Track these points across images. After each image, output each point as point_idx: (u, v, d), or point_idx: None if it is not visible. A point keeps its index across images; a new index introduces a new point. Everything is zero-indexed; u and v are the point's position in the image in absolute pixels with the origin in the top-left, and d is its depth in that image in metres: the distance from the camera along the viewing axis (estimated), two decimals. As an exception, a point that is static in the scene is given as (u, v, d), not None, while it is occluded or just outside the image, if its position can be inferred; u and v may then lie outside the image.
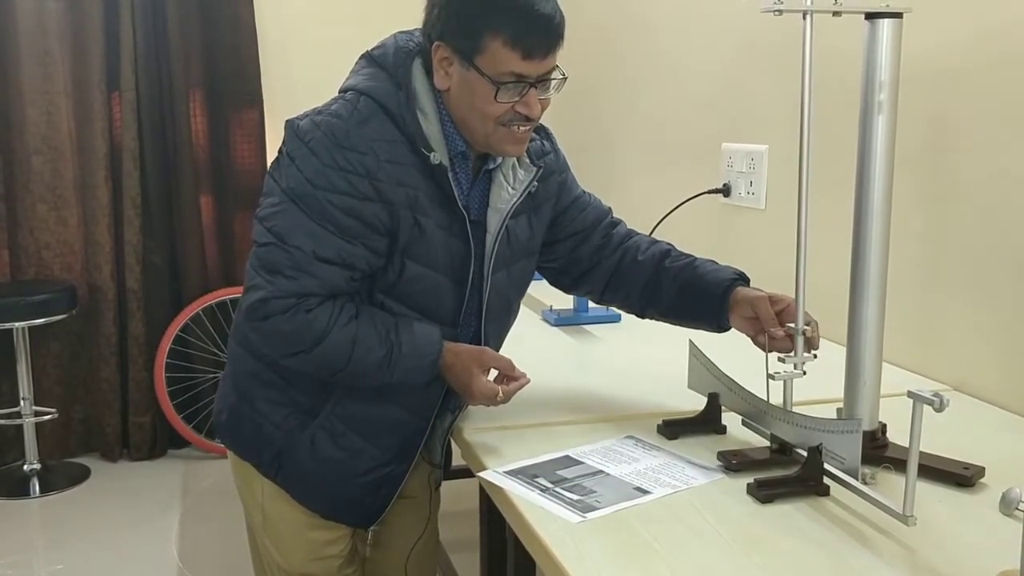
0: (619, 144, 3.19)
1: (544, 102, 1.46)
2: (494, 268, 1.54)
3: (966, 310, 1.72)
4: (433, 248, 1.47)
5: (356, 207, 1.40)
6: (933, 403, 1.07)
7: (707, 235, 2.61)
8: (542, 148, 1.65)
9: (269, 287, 1.40)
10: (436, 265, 1.48)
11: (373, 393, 1.52)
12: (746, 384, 1.45)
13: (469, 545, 2.60)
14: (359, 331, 1.43)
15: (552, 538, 1.15)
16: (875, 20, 1.31)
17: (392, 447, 1.57)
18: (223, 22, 3.76)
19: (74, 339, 3.82)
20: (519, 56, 1.38)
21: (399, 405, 1.54)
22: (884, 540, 1.15)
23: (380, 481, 1.59)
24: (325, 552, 1.65)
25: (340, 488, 1.58)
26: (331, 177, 1.39)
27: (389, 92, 1.45)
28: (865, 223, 1.35)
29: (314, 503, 1.60)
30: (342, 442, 1.54)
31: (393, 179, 1.41)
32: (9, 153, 3.66)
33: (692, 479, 1.33)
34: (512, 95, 1.41)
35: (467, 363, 1.47)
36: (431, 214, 1.45)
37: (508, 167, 1.55)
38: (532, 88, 1.42)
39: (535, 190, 1.58)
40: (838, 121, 1.92)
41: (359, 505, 1.61)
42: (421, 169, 1.44)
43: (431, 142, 1.44)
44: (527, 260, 1.64)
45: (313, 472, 1.56)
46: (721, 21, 2.50)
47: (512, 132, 1.45)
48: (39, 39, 3.60)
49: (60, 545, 3.20)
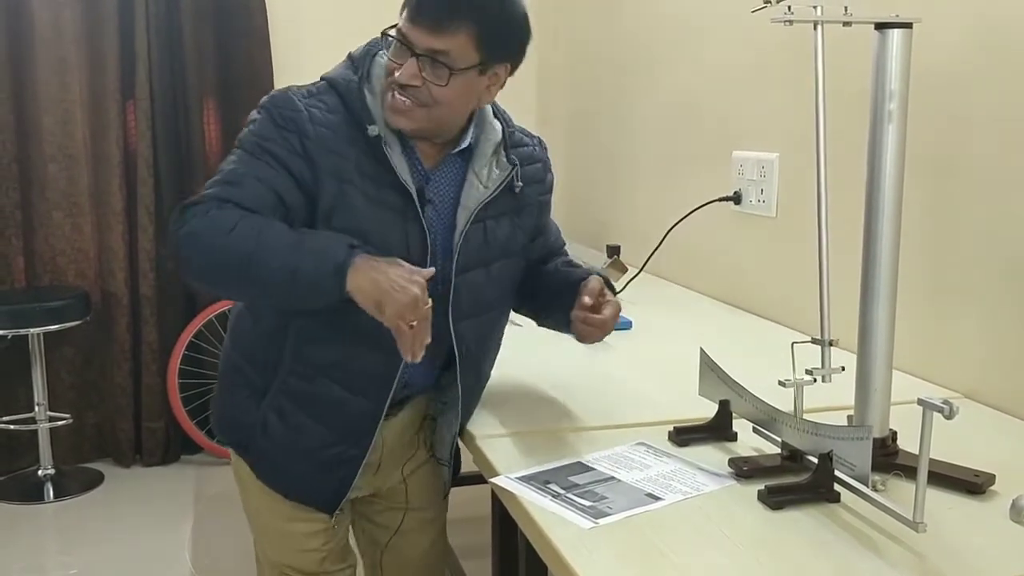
0: (630, 152, 3.20)
1: (434, 89, 1.45)
2: (466, 265, 1.56)
3: (976, 317, 1.73)
4: (358, 218, 1.48)
5: (285, 157, 1.46)
6: (943, 411, 1.07)
7: (718, 243, 2.62)
8: (532, 154, 1.67)
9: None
10: (368, 237, 1.47)
11: (314, 370, 1.54)
12: (757, 391, 1.46)
13: (481, 551, 2.61)
14: (271, 222, 1.43)
15: (564, 544, 1.16)
16: (885, 30, 1.32)
17: (338, 427, 1.58)
18: (237, 31, 3.79)
19: (88, 345, 3.85)
20: (408, 15, 1.45)
21: (339, 384, 1.55)
22: (894, 547, 1.15)
23: (333, 462, 1.60)
24: (306, 545, 1.68)
25: (295, 468, 1.62)
26: (269, 129, 1.48)
27: (345, 75, 1.54)
28: (876, 231, 1.36)
29: (276, 483, 1.64)
30: (291, 421, 1.58)
31: (322, 143, 1.47)
32: (25, 161, 3.69)
33: (703, 485, 1.33)
34: (394, 53, 1.47)
35: (380, 263, 1.38)
36: (359, 184, 1.48)
37: (482, 165, 1.57)
38: (413, 57, 1.44)
39: (519, 191, 1.60)
40: (848, 130, 1.92)
41: (317, 486, 1.63)
42: (358, 142, 1.49)
43: (375, 117, 1.49)
44: (509, 260, 1.64)
45: (270, 451, 1.61)
46: (731, 31, 2.51)
47: (392, 98, 1.48)
48: (55, 48, 3.63)
49: (73, 550, 3.22)
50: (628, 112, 3.20)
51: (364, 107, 1.50)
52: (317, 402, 1.56)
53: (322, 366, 1.54)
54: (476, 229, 1.57)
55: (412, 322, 1.34)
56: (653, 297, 2.65)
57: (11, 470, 3.79)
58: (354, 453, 1.60)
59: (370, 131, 1.48)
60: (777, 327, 2.29)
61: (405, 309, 1.34)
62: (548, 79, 3.93)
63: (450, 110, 1.50)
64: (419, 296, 1.35)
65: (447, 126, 1.54)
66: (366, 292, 1.36)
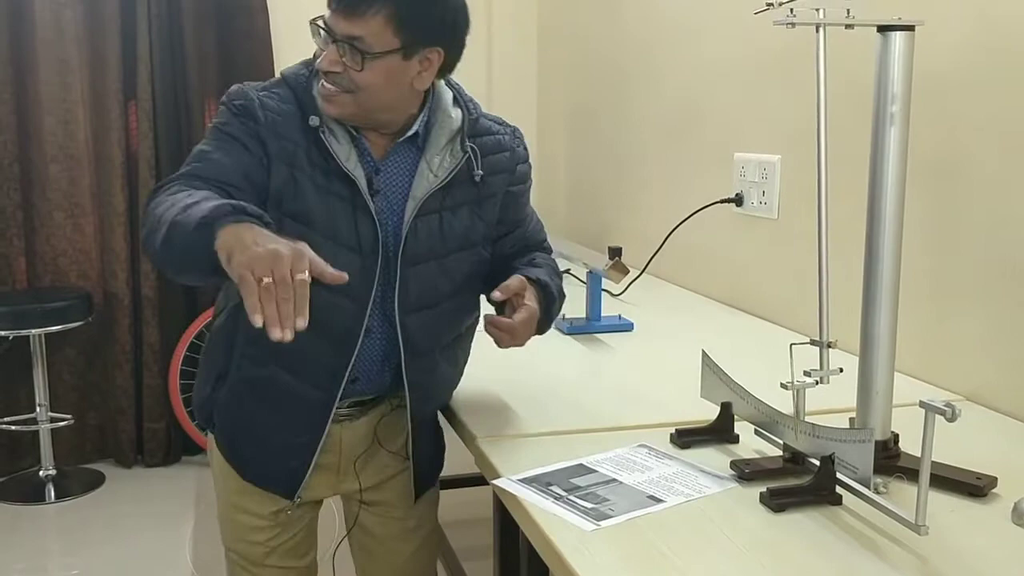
0: (631, 154, 3.20)
1: (354, 75, 1.45)
2: (414, 257, 1.55)
3: (978, 320, 1.73)
4: (307, 204, 1.50)
5: (245, 139, 1.52)
6: (945, 413, 1.07)
7: (719, 245, 2.62)
8: (500, 143, 1.64)
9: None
10: (315, 224, 1.50)
11: (265, 355, 1.57)
12: (758, 393, 1.46)
13: (482, 553, 2.61)
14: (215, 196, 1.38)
15: (566, 546, 1.16)
16: (887, 33, 1.32)
17: (289, 415, 1.60)
18: (238, 32, 3.79)
19: (90, 346, 3.85)
20: (330, 2, 1.47)
21: (288, 371, 1.57)
22: (896, 549, 1.15)
23: (285, 450, 1.63)
24: (250, 537, 1.73)
25: (249, 451, 1.67)
26: (228, 117, 1.55)
27: (297, 70, 1.59)
28: (877, 233, 1.36)
29: (233, 459, 1.70)
30: (246, 406, 1.64)
31: (272, 129, 1.51)
32: (26, 161, 3.70)
33: (705, 488, 1.33)
34: (320, 42, 1.49)
35: (264, 231, 1.24)
36: (308, 172, 1.51)
37: (435, 154, 1.56)
38: (334, 44, 1.46)
39: (480, 180, 1.58)
40: (850, 132, 1.92)
41: (271, 472, 1.67)
42: (308, 132, 1.52)
43: (321, 108, 1.52)
44: (467, 252, 1.61)
45: (227, 430, 1.69)
46: (732, 32, 2.51)
47: (321, 86, 1.50)
48: (56, 48, 3.64)
49: (75, 551, 3.22)
50: (630, 114, 3.20)
51: (311, 99, 1.53)
52: (269, 388, 1.59)
53: (272, 352, 1.53)
54: (430, 220, 1.55)
55: (263, 277, 1.14)
56: (654, 299, 2.65)
57: (12, 471, 3.79)
58: (305, 442, 1.61)
59: (311, 121, 1.51)
60: (779, 329, 2.29)
61: (256, 260, 1.15)
62: (549, 81, 3.94)
63: (375, 96, 1.48)
64: (280, 253, 1.15)
65: (380, 112, 1.52)
66: (227, 246, 1.20)
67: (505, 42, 4.03)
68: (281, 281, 1.14)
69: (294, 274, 1.15)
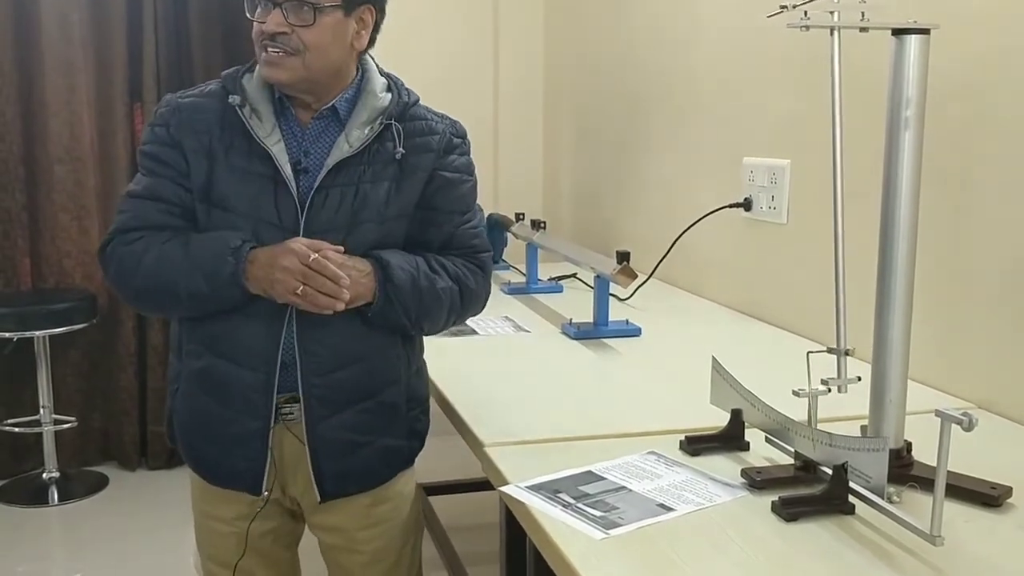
0: (639, 158, 3.19)
1: (303, 33, 1.51)
2: (318, 227, 1.55)
3: (993, 327, 1.71)
4: (228, 192, 1.56)
5: (157, 151, 1.60)
6: (962, 422, 1.06)
7: (727, 250, 2.60)
8: (429, 127, 1.65)
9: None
10: (237, 208, 1.56)
11: (202, 346, 1.61)
12: (769, 400, 1.44)
13: (488, 558, 2.60)
14: (165, 248, 1.56)
15: (576, 555, 1.14)
16: (902, 36, 1.30)
17: (233, 402, 1.61)
18: (244, 34, 3.76)
19: (93, 348, 3.85)
20: None
21: (224, 358, 1.59)
22: (911, 560, 1.13)
23: (237, 439, 1.62)
24: (224, 544, 1.73)
25: (207, 450, 1.67)
26: (148, 134, 1.64)
27: (235, 68, 1.66)
28: (891, 239, 1.34)
29: (200, 467, 1.70)
30: (195, 403, 1.65)
31: (187, 126, 1.58)
32: (32, 163, 3.69)
33: (716, 496, 1.32)
34: (258, 16, 1.53)
35: (259, 254, 1.52)
36: (228, 159, 1.56)
37: (353, 128, 1.59)
38: (277, 8, 1.50)
39: (400, 157, 1.59)
40: (864, 136, 1.91)
41: (231, 468, 1.65)
42: (229, 119, 1.57)
43: (247, 93, 1.59)
44: (374, 225, 1.59)
45: (185, 436, 1.69)
46: (742, 36, 2.50)
47: (266, 52, 1.54)
48: (62, 51, 3.64)
49: (78, 553, 3.21)
50: (637, 117, 3.19)
51: (237, 85, 1.60)
52: (210, 378, 1.61)
53: (206, 342, 1.61)
54: (344, 192, 1.57)
55: (297, 290, 1.47)
56: (662, 304, 2.63)
57: (16, 473, 3.79)
58: (257, 428, 1.61)
59: (231, 99, 1.57)
60: (787, 335, 2.27)
61: (283, 287, 1.48)
62: (556, 84, 3.92)
63: (322, 55, 1.53)
64: (288, 267, 1.47)
65: (325, 75, 1.57)
66: (259, 285, 1.52)
67: (511, 45, 4.01)
68: (310, 279, 1.47)
69: (309, 264, 1.47)
